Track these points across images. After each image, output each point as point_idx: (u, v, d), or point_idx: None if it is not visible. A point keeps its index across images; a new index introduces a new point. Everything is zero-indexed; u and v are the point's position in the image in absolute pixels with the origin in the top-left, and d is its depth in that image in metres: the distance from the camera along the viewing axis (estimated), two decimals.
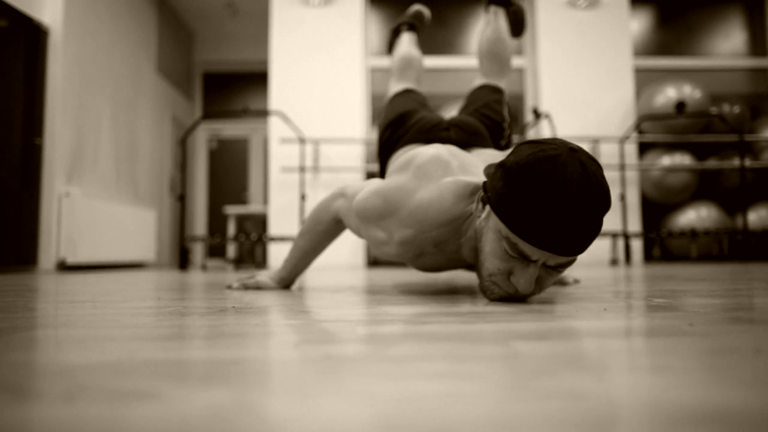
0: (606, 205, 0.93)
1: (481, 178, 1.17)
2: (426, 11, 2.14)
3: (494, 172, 1.01)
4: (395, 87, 1.84)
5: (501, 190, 0.96)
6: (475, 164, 1.24)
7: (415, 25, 2.08)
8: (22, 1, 3.74)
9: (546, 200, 0.89)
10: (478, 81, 1.79)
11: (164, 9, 6.02)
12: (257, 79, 6.61)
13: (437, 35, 5.34)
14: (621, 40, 5.01)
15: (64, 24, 4.01)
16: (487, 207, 1.01)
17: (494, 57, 1.79)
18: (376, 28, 5.29)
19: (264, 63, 5.83)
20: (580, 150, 0.95)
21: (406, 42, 2.00)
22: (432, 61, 5.27)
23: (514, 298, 1.03)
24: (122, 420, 0.33)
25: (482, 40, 1.83)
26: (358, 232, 1.30)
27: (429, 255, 1.20)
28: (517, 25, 1.95)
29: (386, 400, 0.37)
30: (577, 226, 0.90)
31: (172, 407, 0.36)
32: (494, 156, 1.34)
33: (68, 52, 4.08)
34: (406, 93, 1.78)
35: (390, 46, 2.11)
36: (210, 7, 6.27)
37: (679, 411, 0.34)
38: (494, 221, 0.98)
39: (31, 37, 3.80)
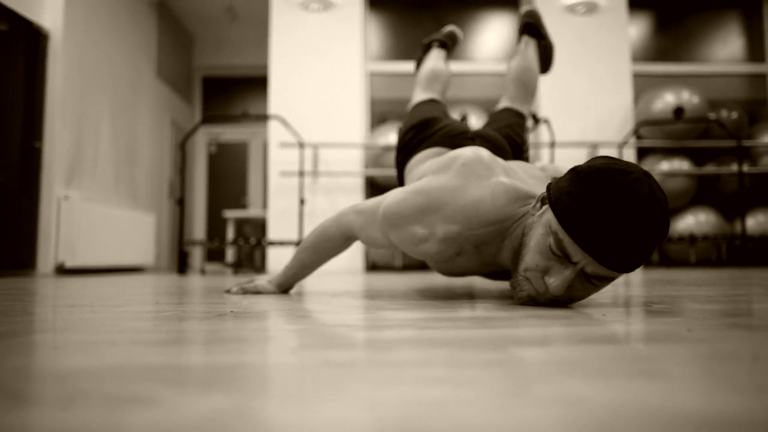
0: (662, 233, 0.93)
1: (528, 186, 1.18)
2: (459, 32, 2.19)
3: (563, 176, 1.03)
4: (420, 96, 1.87)
5: (565, 188, 0.97)
6: (516, 171, 1.24)
7: (446, 43, 2.12)
8: (23, 4, 3.75)
9: (605, 205, 0.90)
10: (503, 104, 1.82)
11: (164, 13, 6.03)
12: (257, 84, 6.62)
13: None
14: (619, 45, 5.03)
15: (65, 28, 4.02)
16: (545, 206, 1.03)
17: (521, 84, 1.82)
18: (375, 33, 5.31)
19: (263, 67, 5.84)
20: (652, 177, 0.96)
21: (436, 57, 2.04)
22: None
23: (538, 302, 1.03)
24: (121, 425, 0.33)
25: (511, 67, 1.86)
26: (379, 241, 1.29)
27: (466, 255, 1.19)
28: (545, 60, 1.98)
29: (386, 406, 0.37)
30: (627, 241, 0.90)
31: (170, 413, 0.36)
32: (529, 166, 1.35)
33: (68, 56, 4.08)
34: (432, 102, 1.81)
35: (419, 62, 2.13)
36: (210, 11, 6.28)
37: (677, 417, 0.34)
38: (547, 216, 0.99)
39: (31, 40, 3.80)
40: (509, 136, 1.62)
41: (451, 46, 2.14)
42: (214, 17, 6.42)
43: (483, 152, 1.22)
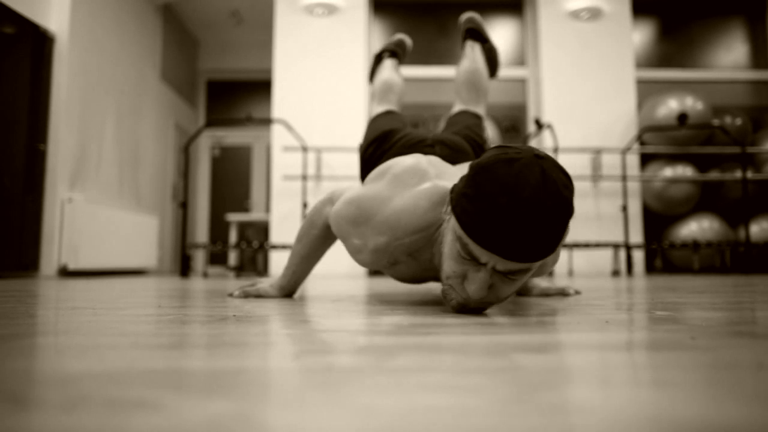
0: (561, 216, 0.90)
1: None
2: (408, 40, 2.22)
3: (462, 176, 1.01)
4: (377, 109, 1.88)
5: (461, 190, 0.96)
6: (455, 174, 1.23)
7: (397, 52, 2.15)
8: (29, 8, 3.77)
9: (495, 201, 0.88)
10: (457, 108, 1.83)
11: (169, 17, 6.06)
12: (260, 88, 6.65)
13: (439, 45, 5.37)
14: (623, 51, 5.03)
15: (70, 31, 4.04)
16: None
17: (472, 86, 1.84)
18: (379, 38, 5.32)
19: (267, 71, 5.86)
20: (546, 158, 0.93)
21: (388, 67, 2.06)
22: (435, 71, 5.29)
23: (471, 309, 1.01)
24: (122, 430, 0.33)
25: (460, 71, 1.89)
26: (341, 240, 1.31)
27: (403, 264, 1.20)
28: (491, 63, 2.02)
29: (387, 412, 0.37)
30: (525, 232, 0.87)
31: (171, 417, 0.36)
32: None
33: (74, 59, 4.10)
34: (389, 114, 1.81)
35: (372, 73, 2.17)
36: (215, 15, 6.31)
37: (680, 426, 0.34)
38: (453, 222, 0.97)
39: (37, 43, 3.83)
40: (469, 137, 1.62)
41: (401, 54, 2.18)
42: (218, 21, 6.45)
43: (421, 159, 1.22)
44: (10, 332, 0.78)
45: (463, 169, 1.29)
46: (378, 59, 2.16)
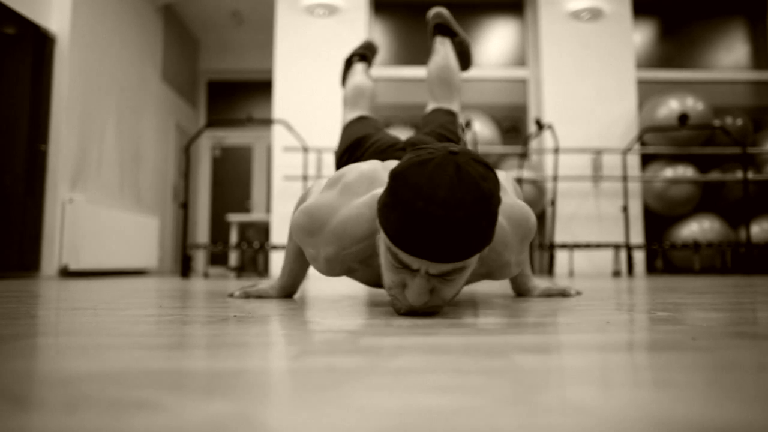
0: (482, 209, 0.88)
1: None
2: (375, 42, 2.23)
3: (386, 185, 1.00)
4: (349, 115, 1.88)
5: (383, 199, 0.95)
6: None
7: (366, 55, 2.15)
8: (30, 8, 3.77)
9: (412, 207, 0.87)
10: (431, 106, 1.82)
11: (170, 18, 6.07)
12: (261, 88, 6.65)
13: None
14: (624, 52, 5.03)
15: (71, 32, 4.04)
16: None
17: (443, 83, 1.82)
18: (380, 39, 5.32)
19: (268, 72, 5.86)
20: (462, 153, 0.92)
21: (359, 72, 2.06)
22: None
23: (419, 312, 1.00)
24: (123, 431, 0.33)
25: (431, 68, 1.87)
26: None
27: (359, 271, 1.19)
28: (464, 56, 1.99)
29: (388, 413, 0.37)
30: (446, 232, 0.86)
31: (172, 418, 0.36)
32: None
33: (74, 59, 4.11)
34: (361, 119, 1.80)
35: (343, 78, 2.17)
36: (216, 16, 6.32)
37: (681, 427, 0.34)
38: (381, 232, 0.97)
39: (38, 44, 3.83)
40: (443, 135, 1.62)
41: (370, 57, 2.18)
42: (219, 22, 6.45)
43: (377, 165, 1.21)
44: (11, 333, 0.78)
45: None
46: (348, 64, 2.16)
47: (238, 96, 7.14)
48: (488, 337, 0.74)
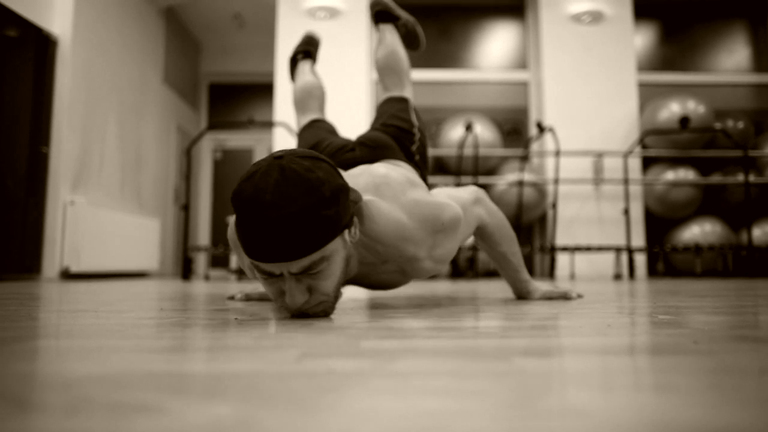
0: (313, 202, 0.90)
1: None
2: (316, 34, 2.18)
3: None
4: (301, 121, 1.87)
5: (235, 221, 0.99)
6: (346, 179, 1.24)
7: (309, 51, 2.11)
8: (33, 11, 3.78)
9: (248, 217, 0.90)
10: (384, 95, 1.82)
11: (172, 20, 6.08)
12: (262, 91, 6.65)
13: (442, 49, 5.38)
14: (625, 54, 5.03)
15: (73, 34, 4.05)
16: None
17: (390, 70, 1.82)
18: None
19: (269, 74, 5.87)
20: (286, 155, 0.94)
21: (304, 72, 2.03)
22: (437, 75, 5.30)
23: (309, 314, 1.02)
24: None
25: (378, 57, 1.86)
26: None
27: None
28: (411, 37, 2.00)
29: (388, 416, 0.37)
30: (283, 230, 0.88)
31: (173, 421, 0.36)
32: (380, 167, 1.30)
33: (76, 62, 4.12)
34: (313, 124, 1.79)
35: (292, 76, 2.13)
36: (217, 18, 6.33)
37: (683, 431, 0.34)
38: None
39: (40, 46, 3.84)
40: (393, 126, 1.63)
41: (314, 51, 2.14)
42: (221, 24, 6.46)
43: None
44: (13, 335, 0.79)
45: (366, 170, 1.26)
46: (293, 63, 2.12)
47: (240, 98, 7.15)
48: (489, 340, 0.74)
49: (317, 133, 1.69)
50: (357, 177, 1.23)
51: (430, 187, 1.45)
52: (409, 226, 1.13)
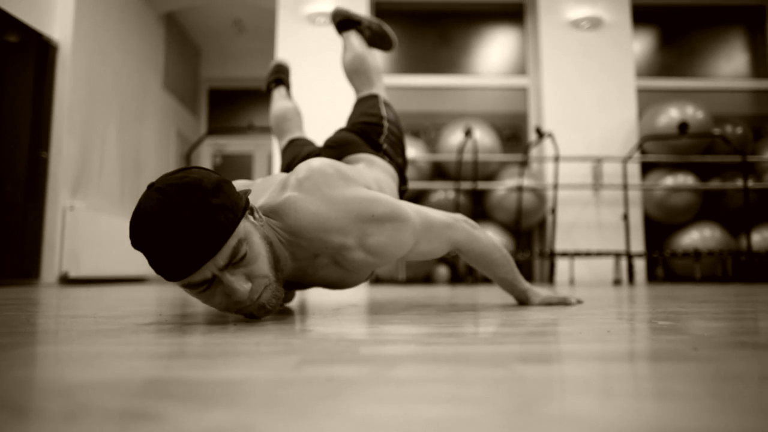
0: (199, 199, 0.92)
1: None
2: (285, 62, 2.31)
3: None
4: (282, 143, 1.97)
5: None
6: (267, 188, 1.25)
7: (281, 78, 2.24)
8: (33, 17, 3.79)
9: (145, 248, 0.93)
10: (356, 97, 1.90)
11: (172, 26, 6.10)
12: (262, 96, 6.66)
13: (441, 54, 5.39)
14: (624, 60, 5.05)
15: (74, 40, 4.06)
16: None
17: (358, 73, 1.90)
18: None
19: None
20: (159, 179, 0.97)
21: (278, 98, 2.16)
22: (436, 80, 5.31)
23: (253, 313, 1.04)
24: None
25: (344, 65, 1.94)
26: None
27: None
28: (379, 38, 2.07)
29: (387, 423, 0.37)
30: (184, 238, 0.90)
31: (172, 428, 0.36)
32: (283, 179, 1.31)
33: (77, 67, 4.12)
34: (291, 143, 1.90)
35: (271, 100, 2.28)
36: (217, 24, 6.35)
37: None
38: None
39: (40, 52, 3.85)
40: (360, 122, 1.71)
41: (285, 78, 2.26)
42: (221, 30, 6.48)
43: (257, 180, 1.30)
44: (11, 341, 0.78)
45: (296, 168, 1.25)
46: (268, 92, 2.26)
47: (239, 104, 7.17)
48: (488, 346, 0.74)
49: (294, 150, 1.79)
50: (278, 177, 1.28)
51: (428, 192, 1.47)
52: (329, 216, 1.11)
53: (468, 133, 4.27)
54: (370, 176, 1.39)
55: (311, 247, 1.14)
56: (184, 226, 0.90)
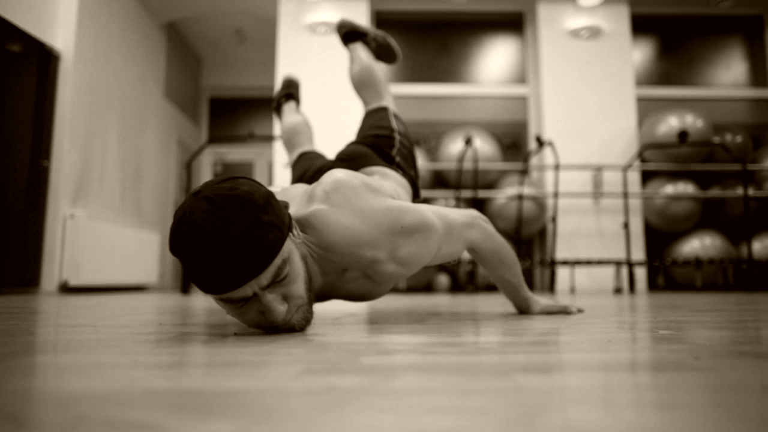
0: (252, 215, 0.89)
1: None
2: (295, 77, 2.33)
3: None
4: (292, 156, 1.97)
5: None
6: (296, 196, 1.23)
7: (291, 93, 2.25)
8: (35, 26, 3.82)
9: (192, 259, 0.89)
10: (365, 110, 1.90)
11: (173, 35, 6.13)
12: (263, 105, 6.69)
13: (442, 63, 5.41)
14: (623, 69, 5.07)
15: (76, 49, 4.09)
16: None
17: (365, 86, 1.90)
18: None
19: (270, 89, 5.91)
20: (205, 187, 0.93)
21: (289, 112, 2.17)
22: (437, 89, 5.33)
23: (292, 328, 1.01)
24: None
25: (351, 77, 1.94)
26: None
27: None
28: (384, 50, 2.06)
29: None
30: (232, 255, 0.87)
31: None
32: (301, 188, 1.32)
33: (78, 76, 4.14)
34: (301, 157, 1.89)
35: (279, 117, 2.30)
36: (218, 33, 6.38)
37: None
38: None
39: (42, 61, 3.87)
40: (372, 135, 1.70)
41: (296, 93, 2.28)
42: (222, 39, 6.52)
43: (275, 190, 1.27)
44: (10, 350, 0.78)
45: (321, 180, 1.22)
46: (278, 108, 2.27)
47: (240, 112, 7.19)
48: (489, 356, 0.74)
49: (305, 164, 1.77)
50: (299, 188, 1.26)
51: (429, 201, 1.47)
52: (361, 230, 1.09)
53: (468, 141, 4.28)
54: (389, 187, 1.38)
55: (342, 262, 1.12)
56: (234, 242, 0.87)
